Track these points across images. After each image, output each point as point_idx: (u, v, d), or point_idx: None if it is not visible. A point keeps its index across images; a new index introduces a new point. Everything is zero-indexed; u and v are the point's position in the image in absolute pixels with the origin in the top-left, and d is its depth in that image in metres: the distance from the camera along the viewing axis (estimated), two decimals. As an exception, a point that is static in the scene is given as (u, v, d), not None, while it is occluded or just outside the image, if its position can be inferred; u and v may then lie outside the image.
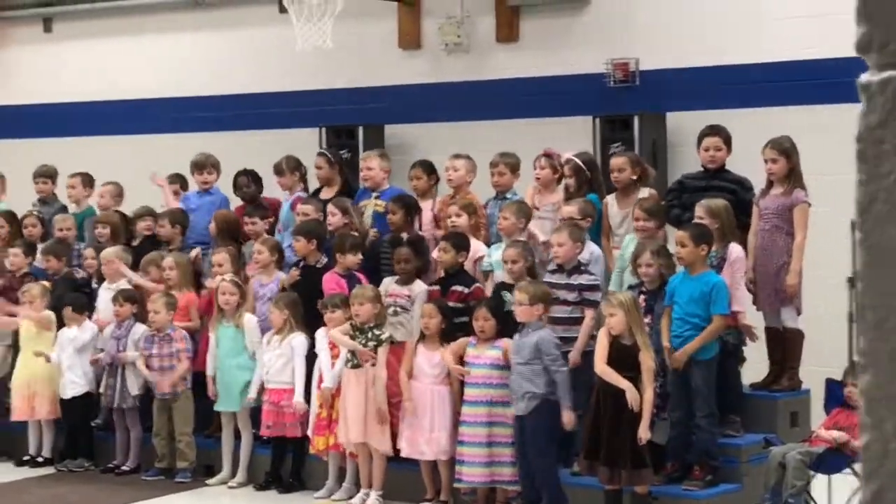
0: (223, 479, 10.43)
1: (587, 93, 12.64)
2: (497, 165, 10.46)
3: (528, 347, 8.88)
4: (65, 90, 15.58)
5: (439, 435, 9.37)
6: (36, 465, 11.10)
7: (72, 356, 10.95)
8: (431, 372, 9.48)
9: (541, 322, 8.94)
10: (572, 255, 9.32)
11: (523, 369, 8.89)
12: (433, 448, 9.40)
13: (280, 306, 10.13)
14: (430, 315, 9.45)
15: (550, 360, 8.81)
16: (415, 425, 9.44)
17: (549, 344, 8.86)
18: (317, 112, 13.71)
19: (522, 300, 8.90)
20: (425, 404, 9.45)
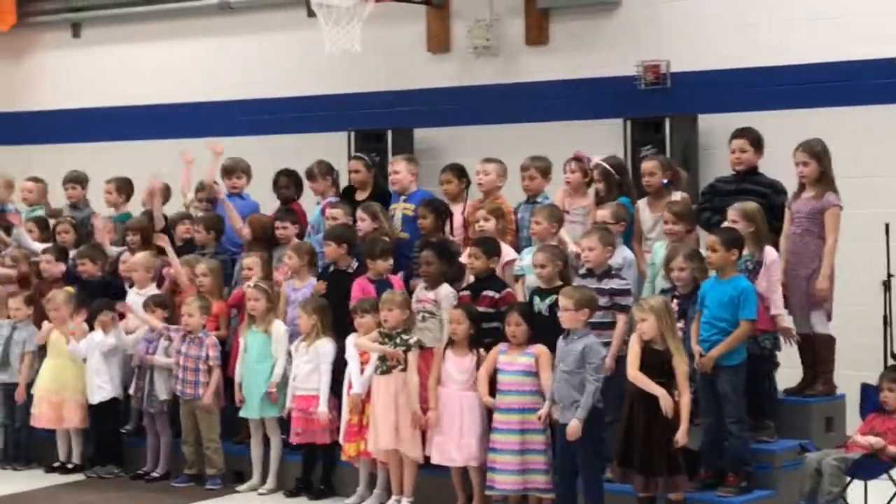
0: (253, 486, 10.38)
1: (618, 95, 12.57)
2: (528, 169, 10.41)
3: (573, 355, 8.76)
4: (94, 95, 15.60)
5: (469, 441, 9.30)
6: (66, 471, 11.08)
7: (99, 361, 10.94)
8: (460, 378, 9.41)
9: (586, 329, 8.86)
10: (603, 260, 9.25)
11: (570, 378, 8.75)
12: (463, 454, 9.33)
13: (308, 311, 10.09)
14: (457, 321, 9.39)
15: (592, 368, 8.70)
16: (445, 432, 9.38)
17: (596, 353, 8.74)
18: (345, 116, 13.69)
19: (567, 305, 8.81)
20: (454, 410, 9.38)
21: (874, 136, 11.62)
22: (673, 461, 8.37)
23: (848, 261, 9.76)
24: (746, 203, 9.25)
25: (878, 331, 10.82)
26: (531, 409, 9.03)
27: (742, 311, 8.75)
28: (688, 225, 9.46)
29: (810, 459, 8.59)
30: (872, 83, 11.68)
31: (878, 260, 10.78)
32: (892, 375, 8.86)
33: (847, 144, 10.77)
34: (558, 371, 8.84)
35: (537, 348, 9.10)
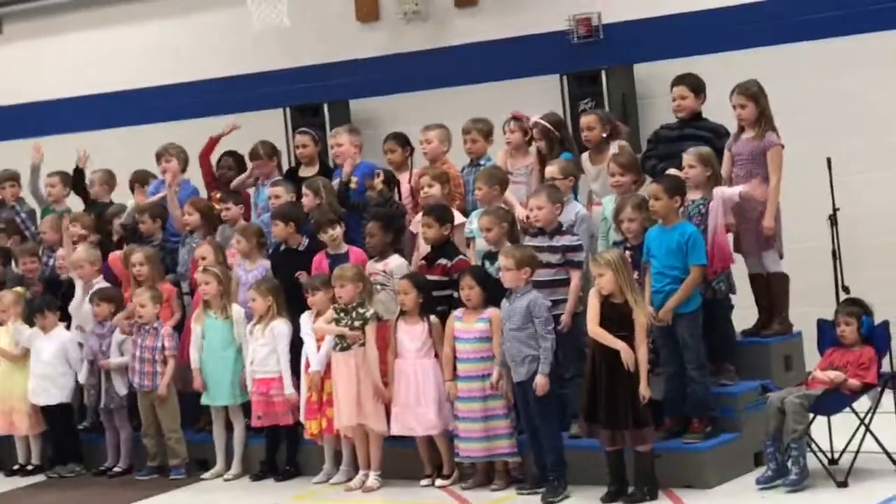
0: (218, 473, 10.32)
1: (551, 51, 12.52)
2: (469, 132, 10.37)
3: (519, 312, 8.77)
4: (22, 91, 15.36)
5: (427, 409, 9.28)
6: (26, 473, 10.98)
7: (46, 363, 10.81)
8: (413, 346, 9.38)
9: (528, 286, 8.83)
10: (552, 217, 9.21)
11: (518, 334, 8.78)
12: (423, 424, 9.30)
13: (263, 292, 10.00)
14: (405, 291, 9.35)
15: (540, 322, 8.71)
16: (402, 402, 9.34)
17: (541, 307, 8.76)
18: (280, 92, 13.56)
19: (508, 265, 8.80)
20: (410, 380, 9.35)
21: (810, 72, 11.65)
22: (638, 414, 8.37)
23: (793, 198, 9.79)
24: (701, 148, 9.25)
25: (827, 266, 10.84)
26: (490, 375, 9.01)
27: (691, 257, 8.76)
28: (634, 175, 9.44)
29: (773, 399, 8.62)
30: (804, 19, 11.69)
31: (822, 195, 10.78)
32: (847, 309, 8.90)
33: (784, 82, 10.79)
34: (506, 330, 8.82)
35: (491, 312, 9.06)
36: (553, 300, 9.01)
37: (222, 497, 9.97)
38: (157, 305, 10.46)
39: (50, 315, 10.92)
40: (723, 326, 9.30)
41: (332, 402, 9.64)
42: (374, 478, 9.53)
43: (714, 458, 8.80)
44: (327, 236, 10.04)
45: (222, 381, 10.24)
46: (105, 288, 10.91)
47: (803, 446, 8.45)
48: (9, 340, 11.07)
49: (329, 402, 9.67)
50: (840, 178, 10.14)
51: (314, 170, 11.18)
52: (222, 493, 10.02)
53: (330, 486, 9.74)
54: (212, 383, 10.28)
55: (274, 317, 10.01)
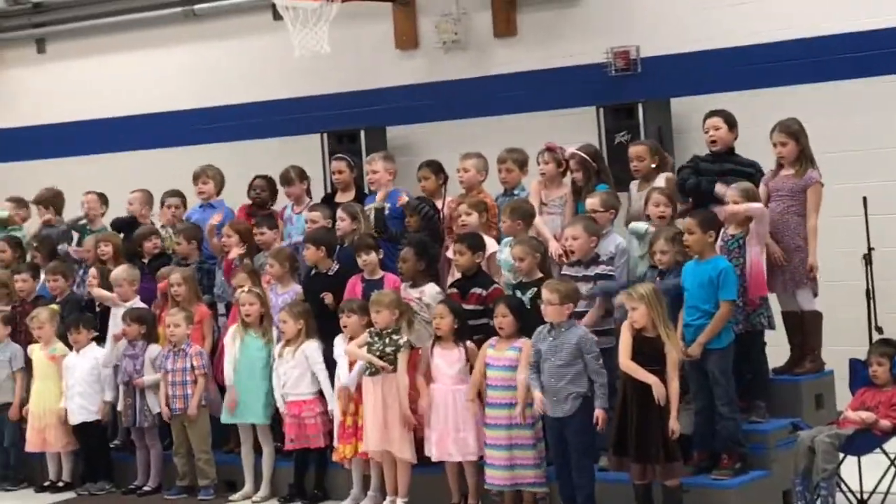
0: (246, 494, 10.34)
1: (589, 83, 12.55)
2: (505, 161, 10.40)
3: (567, 349, 8.74)
4: (62, 110, 15.50)
5: (465, 435, 9.29)
6: (56, 490, 11.02)
7: (81, 381, 10.87)
8: (450, 372, 9.38)
9: (572, 321, 8.84)
10: (587, 249, 9.24)
11: (565, 371, 8.73)
12: (461, 449, 9.30)
13: (294, 315, 10.04)
14: (441, 315, 9.37)
15: (592, 358, 8.69)
16: (440, 428, 9.35)
17: (591, 343, 8.74)
18: (317, 118, 13.63)
19: (552, 300, 8.78)
20: (448, 406, 9.35)
21: (848, 110, 11.63)
22: (668, 448, 8.35)
23: (829, 236, 9.77)
24: (744, 183, 9.23)
25: (861, 305, 10.82)
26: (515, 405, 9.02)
27: (722, 292, 8.74)
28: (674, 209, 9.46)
29: (803, 438, 8.59)
30: (843, 58, 11.69)
31: (858, 234, 10.76)
32: (880, 349, 8.87)
33: (822, 120, 10.79)
34: (549, 366, 8.79)
35: (523, 342, 9.08)
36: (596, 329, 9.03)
37: (250, 519, 10.04)
38: (190, 325, 10.52)
39: (84, 331, 10.98)
40: (756, 362, 9.29)
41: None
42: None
43: (742, 495, 8.75)
44: (362, 261, 10.09)
45: (254, 401, 10.28)
46: (137, 308, 10.95)
47: (833, 486, 8.41)
48: (44, 356, 11.14)
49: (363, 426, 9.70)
50: (876, 217, 10.18)
51: (350, 195, 11.27)
52: (250, 515, 10.09)
53: (352, 511, 9.78)
54: (243, 402, 10.32)
55: (304, 340, 10.05)
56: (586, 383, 8.71)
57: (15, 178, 14.65)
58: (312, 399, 10.02)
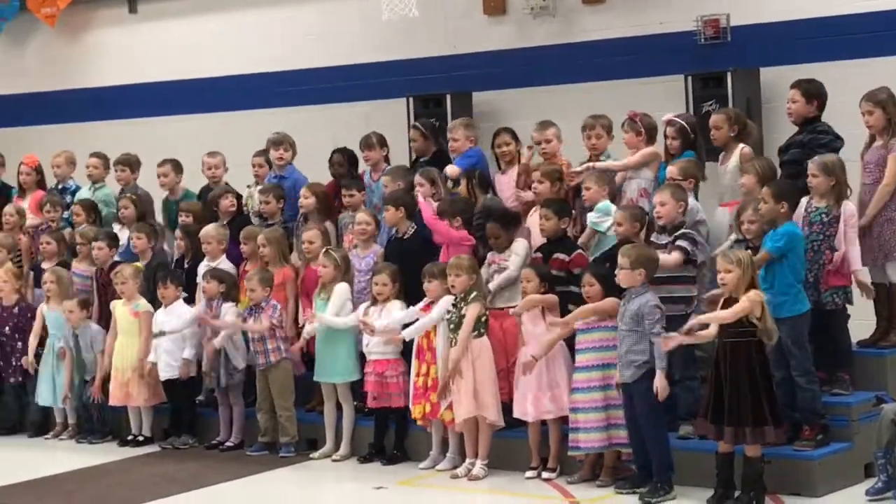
0: (327, 453, 10.45)
1: (678, 51, 12.41)
2: (593, 128, 10.38)
3: (630, 313, 8.79)
4: (151, 71, 15.61)
5: (561, 392, 9.35)
6: (138, 443, 11.20)
7: (167, 338, 11.01)
8: (537, 332, 9.43)
9: (644, 287, 8.83)
10: (674, 215, 9.23)
11: (627, 336, 8.79)
12: (559, 406, 9.35)
13: (386, 276, 10.09)
14: (527, 279, 9.44)
15: (650, 323, 8.70)
16: (533, 388, 9.38)
17: (651, 308, 8.74)
18: (404, 82, 13.63)
19: (623, 264, 8.81)
20: (540, 366, 9.39)
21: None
22: (760, 412, 8.30)
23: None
24: (826, 156, 9.19)
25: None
26: (610, 365, 9.03)
27: (767, 242, 8.72)
28: (758, 179, 9.37)
29: (887, 411, 8.53)
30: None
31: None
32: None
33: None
34: (618, 331, 8.83)
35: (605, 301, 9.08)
36: (673, 297, 9.03)
37: (329, 477, 10.11)
38: (267, 287, 10.60)
39: (171, 287, 11.11)
40: (838, 335, 9.22)
41: (436, 386, 9.73)
42: (481, 467, 9.58)
43: (824, 466, 8.74)
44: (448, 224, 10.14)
45: (334, 360, 10.36)
46: (219, 268, 11.08)
47: (915, 459, 8.35)
48: (127, 312, 11.29)
49: (433, 388, 9.75)
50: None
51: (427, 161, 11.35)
52: (330, 473, 10.16)
53: (436, 472, 9.82)
54: (324, 361, 10.41)
55: (390, 300, 10.10)
56: (648, 351, 8.71)
57: (102, 137, 14.77)
58: (396, 359, 10.09)
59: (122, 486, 10.02)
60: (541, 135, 10.53)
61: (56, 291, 11.64)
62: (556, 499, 9.04)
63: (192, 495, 9.63)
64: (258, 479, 10.03)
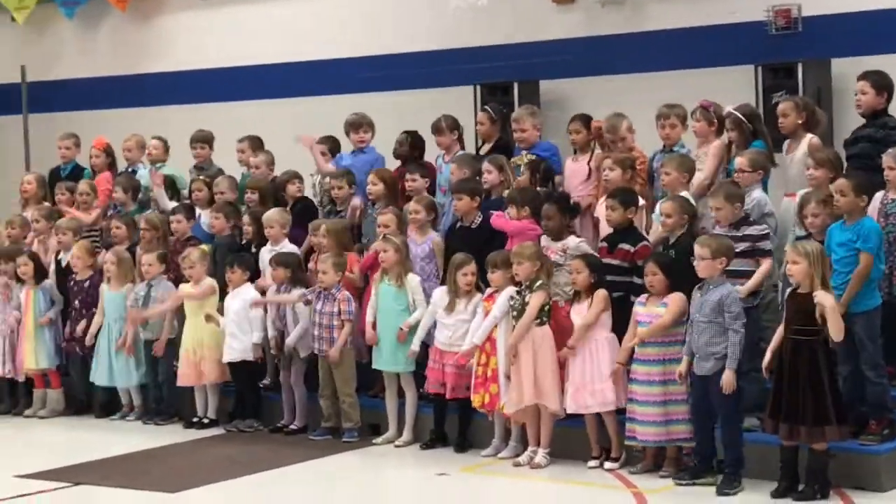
0: (389, 439, 10.49)
1: (748, 41, 12.34)
2: (668, 117, 10.33)
3: (710, 304, 8.72)
4: (222, 55, 15.72)
5: (604, 386, 9.32)
6: (202, 426, 11.29)
7: (234, 321, 11.09)
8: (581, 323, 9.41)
9: (722, 278, 8.78)
10: (732, 217, 9.17)
11: (707, 327, 8.72)
12: (600, 400, 9.34)
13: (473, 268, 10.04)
14: (577, 270, 9.43)
15: (731, 317, 8.65)
16: (577, 380, 9.39)
17: (733, 301, 8.69)
18: (472, 69, 13.63)
19: (704, 255, 8.74)
20: (585, 357, 9.40)
21: None
22: (820, 410, 8.25)
23: None
24: None
25: None
26: (673, 360, 8.99)
27: (861, 243, 8.64)
28: (828, 171, 9.30)
29: (955, 407, 8.44)
30: None
31: None
32: None
33: None
34: (695, 322, 8.77)
35: (671, 296, 9.04)
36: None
37: (392, 462, 10.15)
38: (340, 273, 10.65)
39: (238, 271, 11.18)
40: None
41: (496, 377, 9.73)
42: (543, 455, 9.59)
43: (890, 461, 8.66)
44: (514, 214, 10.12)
45: (396, 349, 10.39)
46: (283, 253, 11.13)
47: None
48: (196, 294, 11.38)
49: (493, 378, 9.76)
50: None
51: (489, 147, 11.37)
52: (392, 459, 10.19)
53: (498, 459, 9.83)
54: (384, 350, 10.44)
55: (475, 293, 10.10)
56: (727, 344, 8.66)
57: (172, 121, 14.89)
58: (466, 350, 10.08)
59: (187, 467, 10.12)
60: (614, 133, 10.49)
61: (116, 273, 11.74)
62: (619, 489, 9.02)
63: (256, 477, 9.70)
64: (321, 463, 10.08)
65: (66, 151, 13.57)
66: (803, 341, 8.29)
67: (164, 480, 9.61)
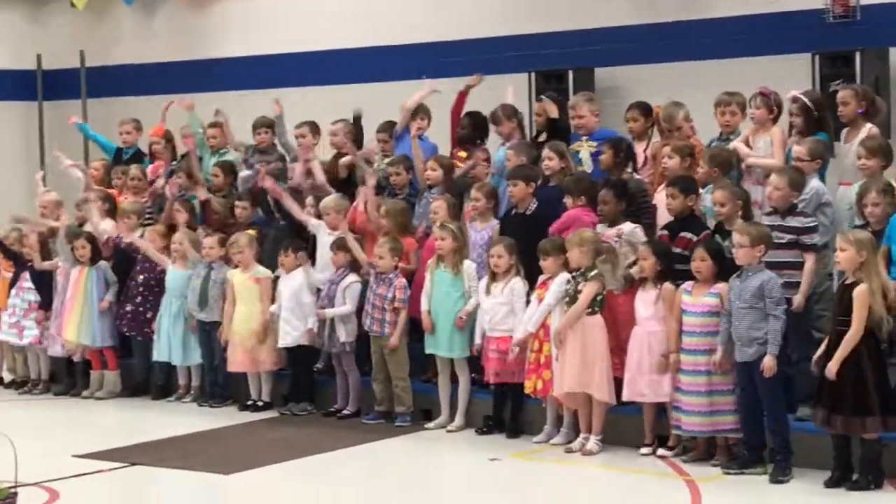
0: (441, 424, 10.53)
1: (806, 29, 12.27)
2: (729, 105, 10.29)
3: (750, 291, 8.71)
4: (278, 42, 15.79)
5: (661, 377, 9.30)
6: (257, 409, 11.38)
7: (288, 306, 11.16)
8: (646, 314, 9.41)
9: (761, 265, 8.76)
10: (786, 201, 9.13)
11: (748, 314, 8.72)
12: (656, 391, 9.34)
13: (509, 251, 10.10)
14: (643, 257, 9.40)
15: (772, 302, 8.63)
16: (634, 369, 9.39)
17: (774, 287, 8.68)
18: (527, 57, 13.63)
19: (743, 242, 8.74)
20: (643, 347, 9.38)
21: None
22: (861, 401, 8.22)
23: None
24: None
25: None
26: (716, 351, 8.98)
27: None
28: (882, 160, 9.24)
29: None
30: None
31: None
32: None
33: None
34: (735, 309, 8.75)
35: (721, 287, 9.02)
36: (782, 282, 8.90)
37: (444, 447, 10.20)
38: (396, 258, 10.69)
39: (292, 256, 11.25)
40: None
41: (549, 363, 9.75)
42: (595, 442, 9.60)
43: (945, 452, 8.60)
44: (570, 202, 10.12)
45: (450, 335, 10.42)
46: (343, 237, 11.18)
47: None
48: (247, 279, 11.46)
49: (546, 364, 9.78)
50: None
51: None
52: (445, 444, 10.25)
53: (550, 445, 9.86)
54: (439, 335, 10.48)
55: (513, 276, 10.13)
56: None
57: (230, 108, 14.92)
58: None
59: (241, 449, 10.21)
60: (671, 122, 10.47)
61: (182, 254, 11.86)
62: (671, 476, 9.02)
63: (309, 460, 9.77)
64: (374, 447, 10.15)
65: (128, 136, 13.75)
66: (846, 332, 8.26)
67: (218, 462, 9.71)
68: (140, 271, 12.18)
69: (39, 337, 12.50)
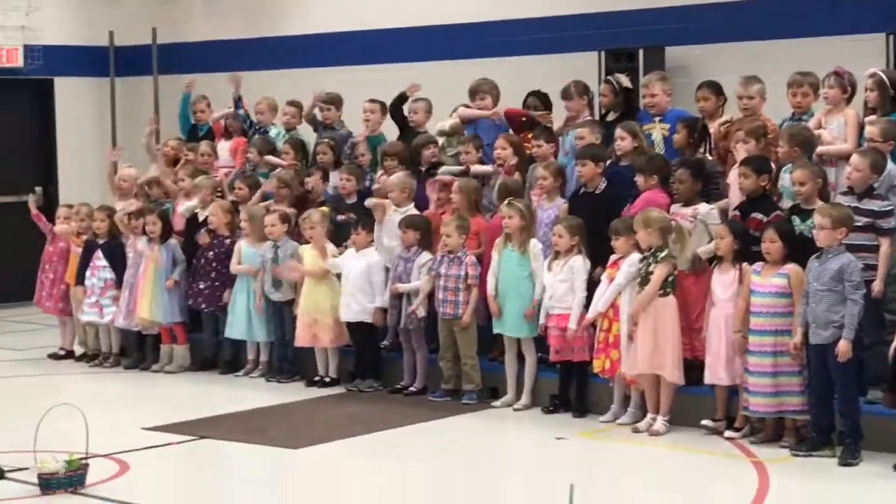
0: (508, 402, 10.54)
1: (881, 9, 12.10)
2: (801, 85, 10.19)
3: (829, 273, 8.63)
4: (348, 19, 15.80)
5: (727, 360, 9.26)
6: (324, 385, 11.45)
7: (354, 280, 11.21)
8: (724, 295, 9.37)
9: (842, 247, 8.68)
10: (866, 183, 9.04)
11: (826, 296, 8.64)
12: (733, 373, 9.31)
13: (570, 229, 10.10)
14: (721, 236, 9.36)
15: (851, 286, 8.56)
16: (713, 351, 9.36)
17: (854, 270, 8.61)
18: (596, 35, 13.55)
19: (824, 224, 8.66)
20: (721, 329, 9.34)
21: None
22: None
23: None
24: None
25: None
26: (785, 332, 8.94)
27: None
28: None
29: None
30: None
31: None
32: None
33: None
34: (812, 290, 8.68)
35: (790, 268, 8.95)
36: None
37: (510, 426, 10.21)
38: (463, 236, 10.70)
39: (363, 233, 11.30)
40: None
41: (618, 343, 9.73)
42: (662, 423, 9.58)
43: None
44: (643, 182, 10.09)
45: (517, 314, 10.42)
46: (412, 215, 11.21)
47: None
48: (316, 256, 11.51)
49: (615, 344, 9.76)
50: None
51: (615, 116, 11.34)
52: (511, 422, 10.26)
53: (617, 425, 9.85)
54: (506, 314, 10.48)
55: (574, 254, 10.12)
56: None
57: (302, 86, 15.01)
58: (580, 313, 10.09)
59: (308, 424, 10.28)
60: (744, 90, 10.39)
61: (250, 230, 11.94)
62: (738, 457, 8.99)
63: (376, 436, 9.83)
64: (440, 424, 10.19)
65: (201, 114, 13.91)
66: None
67: (286, 436, 9.78)
68: (209, 248, 12.27)
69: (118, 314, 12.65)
